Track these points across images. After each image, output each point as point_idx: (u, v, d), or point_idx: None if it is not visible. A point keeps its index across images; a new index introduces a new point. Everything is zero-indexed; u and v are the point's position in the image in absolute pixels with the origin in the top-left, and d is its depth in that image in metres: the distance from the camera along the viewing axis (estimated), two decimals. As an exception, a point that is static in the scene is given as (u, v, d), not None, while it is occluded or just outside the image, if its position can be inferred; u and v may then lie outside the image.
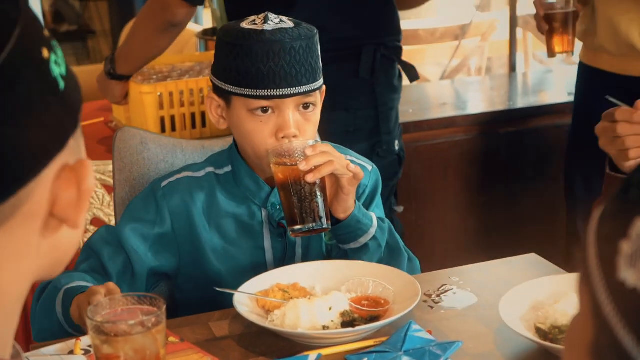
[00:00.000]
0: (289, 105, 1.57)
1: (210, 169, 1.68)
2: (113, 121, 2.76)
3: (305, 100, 1.59)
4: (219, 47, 1.61)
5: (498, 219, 3.17)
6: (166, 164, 1.85)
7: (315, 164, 1.51)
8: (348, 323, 1.46)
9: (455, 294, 1.61)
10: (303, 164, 1.50)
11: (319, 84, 1.61)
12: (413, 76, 2.46)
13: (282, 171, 1.53)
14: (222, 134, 1.99)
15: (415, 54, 4.64)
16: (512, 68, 3.85)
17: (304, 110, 1.60)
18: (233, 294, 1.50)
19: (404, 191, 2.85)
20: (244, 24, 1.58)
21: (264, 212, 1.65)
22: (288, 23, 1.58)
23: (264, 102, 1.56)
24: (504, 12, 4.53)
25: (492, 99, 3.40)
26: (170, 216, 1.63)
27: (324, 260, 1.66)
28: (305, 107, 1.60)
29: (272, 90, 1.55)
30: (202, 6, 2.28)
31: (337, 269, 1.60)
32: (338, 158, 1.53)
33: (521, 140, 3.16)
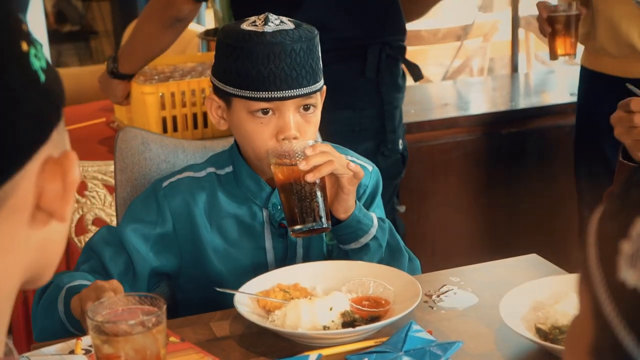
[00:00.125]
0: (289, 107, 1.57)
1: (211, 170, 1.68)
2: (115, 121, 2.76)
3: (306, 101, 1.59)
4: (219, 49, 1.60)
5: (499, 219, 3.17)
6: (167, 165, 1.85)
7: (315, 164, 1.50)
8: (348, 323, 1.45)
9: (456, 294, 1.61)
10: (303, 164, 1.50)
11: (319, 86, 1.61)
12: (417, 75, 2.47)
13: (282, 171, 1.53)
14: (223, 134, 1.99)
15: (418, 54, 4.63)
16: (514, 68, 3.85)
17: (304, 111, 1.59)
18: (234, 294, 1.50)
19: (406, 191, 2.85)
20: (244, 25, 1.57)
21: (265, 212, 1.65)
22: (288, 24, 1.58)
23: (264, 104, 1.56)
24: (506, 13, 4.53)
25: (494, 100, 3.40)
26: (172, 216, 1.63)
27: (324, 261, 1.66)
28: (306, 108, 1.59)
29: (273, 92, 1.55)
30: (205, 2, 2.28)
31: (338, 269, 1.60)
32: (338, 158, 1.53)
33: (523, 140, 3.16)
